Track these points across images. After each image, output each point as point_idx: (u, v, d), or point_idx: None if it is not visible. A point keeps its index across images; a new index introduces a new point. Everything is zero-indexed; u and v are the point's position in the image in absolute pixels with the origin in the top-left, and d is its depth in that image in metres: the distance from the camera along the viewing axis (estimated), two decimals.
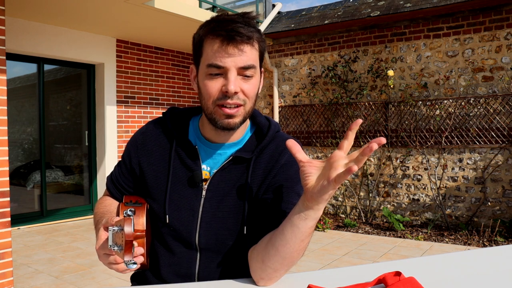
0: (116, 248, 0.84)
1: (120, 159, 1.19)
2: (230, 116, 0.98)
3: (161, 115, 1.16)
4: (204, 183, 1.07)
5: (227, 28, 0.94)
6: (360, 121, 0.80)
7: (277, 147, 1.08)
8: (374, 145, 0.72)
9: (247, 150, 1.08)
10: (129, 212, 0.90)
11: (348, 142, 0.81)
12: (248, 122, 1.12)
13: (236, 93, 0.96)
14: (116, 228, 0.84)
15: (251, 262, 0.97)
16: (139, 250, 0.91)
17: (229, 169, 1.07)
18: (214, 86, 0.97)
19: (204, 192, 1.06)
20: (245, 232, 1.02)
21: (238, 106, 0.98)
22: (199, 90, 1.03)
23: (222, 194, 1.06)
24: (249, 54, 0.97)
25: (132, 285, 1.22)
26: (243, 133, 1.10)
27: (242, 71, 0.97)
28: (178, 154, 1.09)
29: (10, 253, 3.06)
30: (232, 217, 1.05)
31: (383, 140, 0.74)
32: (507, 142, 4.81)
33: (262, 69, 1.09)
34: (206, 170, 1.08)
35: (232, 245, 1.06)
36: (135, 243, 0.91)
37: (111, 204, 1.16)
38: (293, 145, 0.88)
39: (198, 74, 1.03)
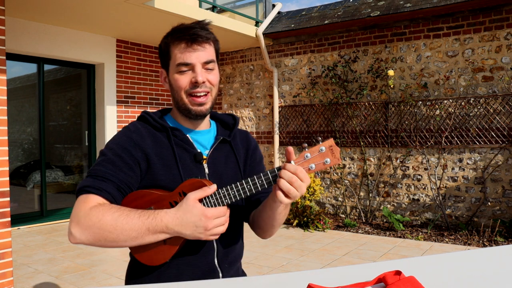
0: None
1: (104, 162, 1.13)
2: (201, 104, 1.22)
3: (137, 119, 1.31)
4: (204, 162, 1.27)
5: (189, 33, 1.19)
6: None
7: (240, 133, 1.42)
8: None
9: (223, 135, 1.34)
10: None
11: None
12: (208, 117, 1.37)
13: (203, 82, 1.20)
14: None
15: (253, 226, 1.34)
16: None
17: (217, 148, 1.31)
18: (184, 79, 1.21)
19: (206, 170, 1.26)
20: (253, 192, 1.15)
21: (206, 93, 1.22)
22: (171, 87, 1.25)
23: (220, 169, 1.28)
24: (209, 50, 1.22)
25: (128, 284, 1.24)
26: (209, 124, 1.36)
27: (205, 65, 1.21)
28: (175, 142, 1.25)
29: (10, 253, 3.06)
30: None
31: None
32: (507, 142, 4.81)
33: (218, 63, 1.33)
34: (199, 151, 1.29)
35: (234, 208, 1.26)
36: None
37: (124, 208, 1.08)
38: None
39: (169, 74, 1.25)
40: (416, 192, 5.44)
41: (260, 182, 1.08)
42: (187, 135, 1.27)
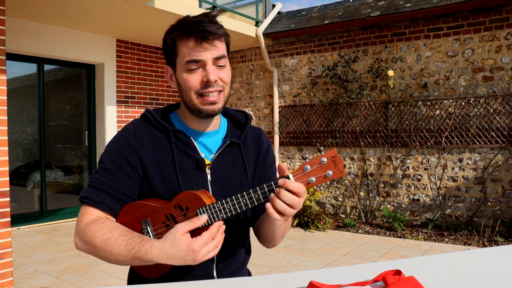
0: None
1: (101, 169, 1.13)
2: (213, 103, 1.13)
3: (140, 117, 1.22)
4: (207, 168, 1.18)
5: (198, 29, 1.09)
6: None
7: (253, 132, 1.31)
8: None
9: (234, 136, 1.25)
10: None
11: None
12: (218, 116, 1.28)
13: (215, 81, 1.11)
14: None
15: (256, 235, 1.27)
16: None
17: (224, 153, 1.21)
18: (194, 78, 1.11)
19: (209, 176, 1.17)
20: (250, 206, 1.05)
21: (219, 92, 1.13)
22: (179, 86, 1.15)
23: (225, 175, 1.19)
24: (220, 47, 1.12)
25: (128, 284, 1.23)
26: (219, 122, 1.26)
27: (216, 61, 1.12)
28: (176, 145, 1.17)
29: (10, 253, 3.06)
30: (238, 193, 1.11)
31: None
32: (507, 142, 4.81)
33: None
34: (202, 156, 1.20)
35: (238, 218, 1.21)
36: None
37: (118, 226, 1.07)
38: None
39: (176, 72, 1.16)
40: (416, 192, 5.44)
41: (256, 196, 1.00)
42: (191, 137, 1.18)
